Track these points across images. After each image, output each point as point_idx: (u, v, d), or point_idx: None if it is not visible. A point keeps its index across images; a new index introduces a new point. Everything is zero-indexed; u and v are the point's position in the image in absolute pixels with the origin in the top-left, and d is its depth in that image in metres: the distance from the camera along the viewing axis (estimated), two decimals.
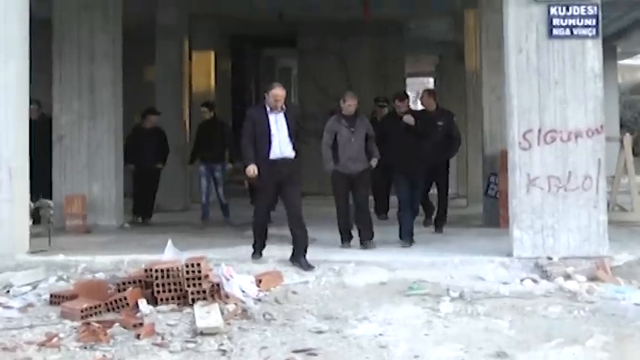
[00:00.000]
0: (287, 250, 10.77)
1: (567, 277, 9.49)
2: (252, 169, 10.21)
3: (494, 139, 14.19)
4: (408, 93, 13.58)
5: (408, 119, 11.86)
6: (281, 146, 10.18)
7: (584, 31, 10.38)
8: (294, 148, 10.27)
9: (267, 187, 10.36)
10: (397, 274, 9.94)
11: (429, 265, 10.30)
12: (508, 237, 10.70)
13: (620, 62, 29.32)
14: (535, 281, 9.60)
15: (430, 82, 36.94)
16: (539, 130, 10.32)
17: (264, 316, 8.20)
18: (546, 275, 9.71)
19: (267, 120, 10.15)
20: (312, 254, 10.53)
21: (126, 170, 15.16)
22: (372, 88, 20.28)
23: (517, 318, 8.07)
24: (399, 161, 11.89)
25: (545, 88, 10.34)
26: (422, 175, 12.30)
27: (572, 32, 10.37)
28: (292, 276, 9.94)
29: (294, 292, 9.27)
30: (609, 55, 22.90)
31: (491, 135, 14.34)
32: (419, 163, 12.02)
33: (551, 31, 10.37)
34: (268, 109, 10.20)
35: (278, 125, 10.16)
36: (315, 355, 7.00)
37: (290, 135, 10.19)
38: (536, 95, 10.32)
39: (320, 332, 7.66)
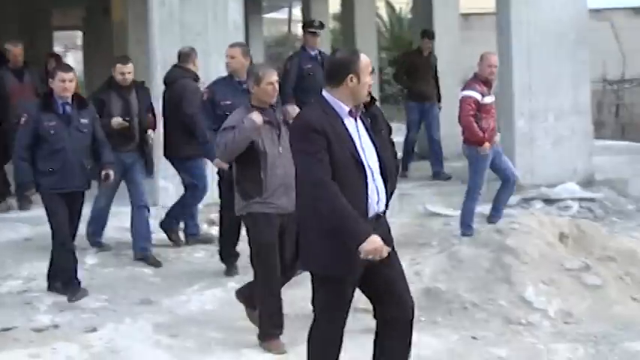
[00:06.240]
0: None
1: (211, 223, 9.60)
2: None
3: None
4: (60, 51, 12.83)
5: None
6: (379, 193, 4.71)
7: None
8: None
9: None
10: (42, 229, 9.71)
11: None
12: None
13: (266, 16, 30.28)
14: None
15: (79, 36, 36.16)
16: None
17: None
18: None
19: (349, 133, 4.69)
20: None
21: None
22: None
23: (165, 265, 8.26)
24: None
25: (188, 41, 10.34)
26: None
27: None
28: None
29: None
30: (254, 9, 23.50)
31: None
32: None
33: None
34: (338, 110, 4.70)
35: (363, 144, 4.73)
36: None
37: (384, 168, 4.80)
38: (179, 47, 10.33)
39: None
